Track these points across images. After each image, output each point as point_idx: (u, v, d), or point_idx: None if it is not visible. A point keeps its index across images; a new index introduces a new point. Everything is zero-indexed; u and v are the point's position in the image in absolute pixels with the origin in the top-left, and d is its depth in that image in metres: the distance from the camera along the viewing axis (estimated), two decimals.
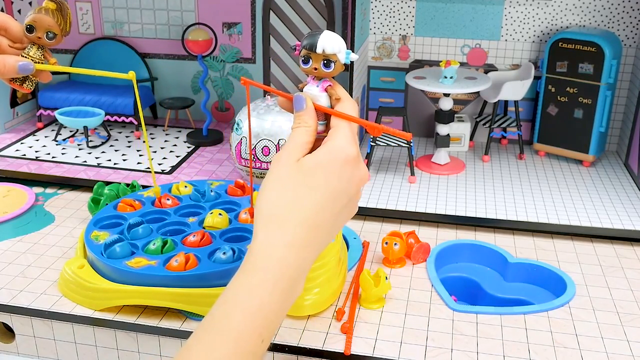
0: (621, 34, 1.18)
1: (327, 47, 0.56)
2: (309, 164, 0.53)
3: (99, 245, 0.76)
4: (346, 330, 0.71)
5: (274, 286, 0.48)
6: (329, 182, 0.52)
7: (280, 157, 0.54)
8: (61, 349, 0.75)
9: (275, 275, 0.49)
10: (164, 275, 0.71)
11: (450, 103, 1.12)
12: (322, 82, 0.58)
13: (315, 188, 0.52)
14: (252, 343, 0.46)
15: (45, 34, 0.71)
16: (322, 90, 0.58)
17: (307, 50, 0.56)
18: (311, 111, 0.56)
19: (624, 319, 0.75)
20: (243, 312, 0.47)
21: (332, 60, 0.56)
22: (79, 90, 1.32)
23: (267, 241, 0.50)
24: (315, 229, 0.51)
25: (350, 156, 0.53)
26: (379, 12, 1.25)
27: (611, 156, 1.23)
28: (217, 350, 0.45)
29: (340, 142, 0.54)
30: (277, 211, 0.51)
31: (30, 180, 1.08)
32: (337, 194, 0.52)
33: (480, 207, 1.00)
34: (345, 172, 0.53)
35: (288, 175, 0.52)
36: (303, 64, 0.57)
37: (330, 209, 0.52)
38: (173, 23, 1.33)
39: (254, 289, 0.48)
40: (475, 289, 0.85)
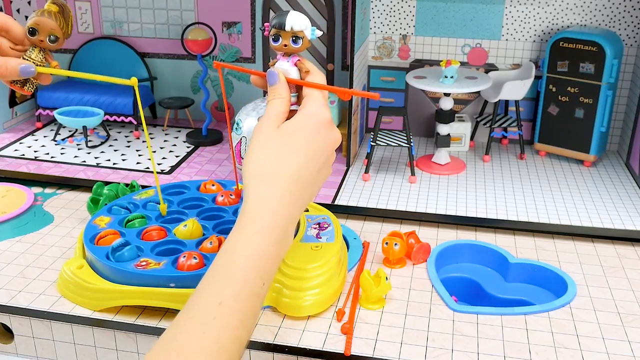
0: (622, 34, 1.18)
1: (295, 24, 0.62)
2: (289, 128, 0.59)
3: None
4: (346, 330, 0.70)
5: (270, 233, 0.53)
6: (308, 143, 0.58)
7: (262, 125, 0.59)
8: (60, 349, 0.75)
9: (270, 224, 0.54)
10: (163, 276, 0.71)
11: (451, 103, 1.12)
12: (291, 57, 0.64)
13: (297, 148, 0.58)
14: (256, 285, 0.51)
15: (48, 37, 0.71)
16: (292, 65, 0.64)
17: (276, 29, 0.63)
18: (284, 84, 0.62)
19: (625, 319, 0.74)
20: (245, 256, 0.51)
21: (299, 36, 0.62)
22: (78, 90, 1.31)
23: (259, 197, 0.55)
24: (300, 184, 0.57)
25: (325, 119, 0.60)
26: (379, 11, 1.25)
27: (612, 156, 1.22)
28: (225, 290, 0.49)
29: (315, 107, 0.60)
30: (265, 170, 0.56)
31: (29, 180, 1.08)
32: (316, 153, 0.58)
33: (481, 207, 1.00)
34: (321, 134, 0.59)
35: (271, 139, 0.58)
36: (273, 42, 0.63)
37: (311, 166, 0.58)
38: (172, 22, 1.33)
39: (252, 237, 0.53)
40: (476, 290, 0.85)
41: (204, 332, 0.47)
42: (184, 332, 0.48)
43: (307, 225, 0.82)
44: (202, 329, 0.48)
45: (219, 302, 0.49)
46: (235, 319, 0.49)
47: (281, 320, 0.72)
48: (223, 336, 0.48)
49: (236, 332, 0.49)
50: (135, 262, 0.73)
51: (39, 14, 0.71)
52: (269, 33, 0.64)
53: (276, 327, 0.71)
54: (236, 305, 0.49)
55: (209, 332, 0.47)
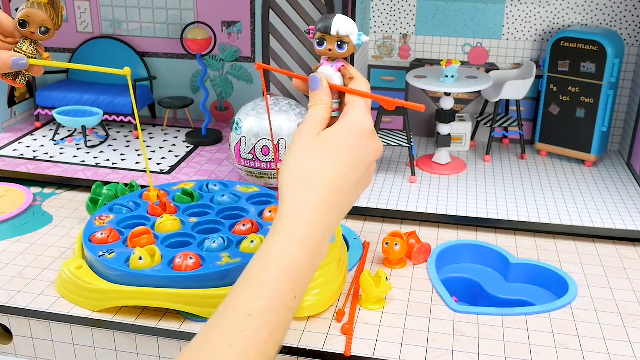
0: (623, 33, 1.18)
1: (341, 29, 0.60)
2: (330, 136, 0.57)
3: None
4: (346, 331, 0.70)
5: (305, 245, 0.52)
6: (349, 152, 0.56)
7: (302, 131, 0.58)
8: (59, 350, 0.75)
9: (305, 234, 0.52)
10: (162, 276, 0.71)
11: (452, 102, 1.12)
12: (335, 62, 0.62)
13: (336, 157, 0.56)
14: (287, 297, 0.50)
15: (39, 28, 0.71)
16: (336, 70, 0.62)
17: (321, 33, 0.61)
18: (326, 90, 0.60)
19: (627, 320, 0.74)
20: (278, 265, 0.50)
21: (345, 41, 0.60)
22: (77, 89, 1.31)
23: (295, 204, 0.54)
24: (337, 194, 0.55)
25: (367, 129, 0.58)
26: (380, 10, 1.25)
27: (613, 156, 1.22)
28: (256, 301, 0.49)
29: (357, 116, 0.58)
30: (302, 177, 0.55)
31: (28, 180, 1.08)
32: (356, 163, 0.57)
33: (482, 208, 1.00)
34: (362, 143, 0.57)
35: (311, 146, 0.56)
36: (318, 46, 0.61)
37: (350, 177, 0.56)
38: (172, 22, 1.33)
39: (286, 245, 0.51)
40: (477, 290, 0.84)
41: (232, 344, 0.47)
42: (213, 342, 0.47)
43: None
44: (230, 341, 0.47)
45: (249, 314, 0.48)
46: (264, 333, 0.48)
47: None
48: (251, 350, 0.47)
49: (264, 345, 0.48)
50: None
51: (29, 6, 0.70)
52: (314, 36, 0.62)
53: None
54: (266, 318, 0.48)
55: (237, 344, 0.47)
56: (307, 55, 1.31)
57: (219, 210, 0.84)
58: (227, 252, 0.73)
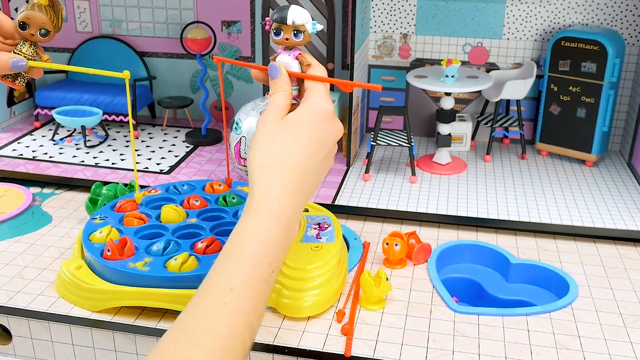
0: (624, 33, 1.17)
1: (297, 18, 0.63)
2: (294, 119, 0.60)
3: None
4: (346, 331, 0.70)
5: (278, 221, 0.55)
6: (312, 134, 0.59)
7: (266, 117, 0.60)
8: (59, 350, 0.75)
9: (277, 212, 0.55)
10: (162, 277, 0.70)
11: (452, 102, 1.11)
12: (292, 51, 0.65)
13: (301, 139, 0.58)
14: (265, 271, 0.52)
15: (38, 30, 0.71)
16: (293, 59, 0.65)
17: (277, 23, 0.63)
18: (286, 77, 0.63)
19: (627, 320, 0.74)
20: (255, 243, 0.53)
21: (301, 30, 0.63)
22: (77, 89, 1.31)
23: (266, 186, 0.56)
24: (304, 174, 0.58)
25: (328, 111, 0.61)
26: (380, 10, 1.24)
27: (614, 156, 1.22)
28: (236, 276, 0.51)
29: (318, 99, 0.61)
30: (270, 160, 0.57)
31: (28, 180, 1.07)
32: (319, 145, 0.59)
33: (482, 208, 1.00)
34: (324, 125, 0.60)
35: (276, 130, 0.59)
36: (275, 36, 0.64)
37: (315, 157, 0.59)
38: (171, 21, 1.32)
39: (261, 223, 0.54)
40: (477, 290, 0.84)
41: (217, 317, 0.49)
42: (197, 317, 0.49)
43: (307, 226, 0.81)
44: (215, 314, 0.49)
45: (230, 287, 0.50)
46: (246, 304, 0.50)
47: (281, 321, 0.72)
48: (235, 321, 0.49)
49: (247, 317, 0.50)
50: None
51: (29, 8, 0.70)
52: (270, 27, 0.64)
53: (276, 328, 0.71)
54: (247, 291, 0.50)
55: (221, 316, 0.49)
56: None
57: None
58: None
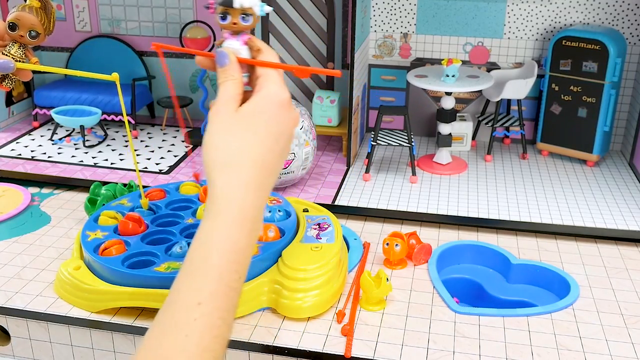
0: (625, 32, 1.17)
1: (244, 1, 0.59)
2: (249, 111, 0.55)
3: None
4: (347, 332, 0.70)
5: (241, 225, 0.52)
6: (270, 126, 0.55)
7: (219, 109, 0.56)
8: (57, 351, 0.75)
9: (240, 215, 0.52)
10: (161, 277, 0.70)
11: (452, 102, 1.11)
12: (240, 35, 0.61)
13: (259, 132, 0.55)
14: (232, 279, 0.50)
15: (28, 32, 0.70)
16: (242, 44, 0.60)
17: (224, 7, 0.59)
18: (235, 64, 0.59)
19: (629, 321, 0.74)
20: (219, 251, 0.50)
21: (249, 13, 0.60)
22: (75, 89, 1.31)
23: (226, 186, 0.53)
24: (264, 169, 0.54)
25: (285, 100, 0.57)
26: (380, 9, 1.24)
27: (615, 156, 1.22)
28: (205, 288, 0.49)
29: (273, 87, 0.57)
30: (228, 157, 0.54)
31: (26, 180, 1.07)
32: (278, 136, 0.56)
33: (483, 208, 0.99)
34: (282, 115, 0.56)
35: (231, 123, 0.55)
36: (221, 21, 0.60)
37: (274, 149, 0.56)
38: (171, 21, 1.32)
39: (224, 230, 0.51)
40: (478, 291, 0.84)
41: (187, 334, 0.47)
42: (167, 335, 0.47)
43: (307, 226, 0.81)
44: (185, 332, 0.47)
45: (198, 302, 0.48)
46: (216, 317, 0.49)
47: (281, 321, 0.72)
48: (206, 336, 0.48)
49: (217, 330, 0.49)
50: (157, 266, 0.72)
51: (20, 9, 0.70)
52: (215, 11, 0.60)
53: (276, 328, 0.71)
54: (215, 303, 0.49)
55: (192, 334, 0.47)
56: (307, 54, 1.31)
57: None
58: None
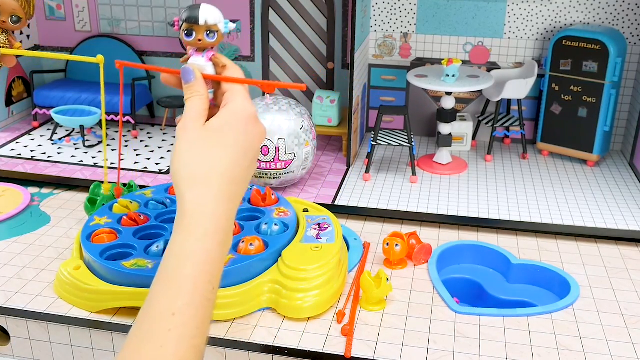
0: (626, 32, 1.17)
1: (209, 18, 0.60)
2: (216, 125, 0.56)
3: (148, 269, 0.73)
4: (347, 332, 0.70)
5: (213, 237, 0.52)
6: (237, 139, 0.56)
7: (186, 125, 0.57)
8: (57, 351, 0.74)
9: (212, 227, 0.53)
10: None
11: (453, 102, 1.11)
12: (206, 52, 0.61)
13: (227, 145, 0.56)
14: (206, 290, 0.51)
15: (10, 17, 0.70)
16: (207, 60, 0.61)
17: (189, 24, 0.60)
18: (201, 81, 0.59)
19: (629, 321, 0.74)
20: (193, 263, 0.51)
21: (214, 30, 0.60)
22: (75, 88, 1.31)
23: (196, 199, 0.53)
24: (233, 182, 0.55)
25: (251, 114, 0.58)
26: (380, 9, 1.24)
27: (616, 156, 1.21)
28: (179, 300, 0.49)
29: (240, 102, 0.58)
30: (197, 171, 0.54)
31: (26, 180, 1.07)
32: (246, 149, 0.57)
33: (483, 208, 0.99)
34: (249, 129, 0.57)
35: (198, 138, 0.56)
36: (186, 37, 0.60)
37: (242, 163, 0.56)
38: (171, 20, 1.32)
39: (197, 242, 0.52)
40: (478, 291, 0.84)
41: (162, 345, 0.47)
42: (144, 345, 0.48)
43: (307, 226, 0.81)
44: (160, 342, 0.47)
45: (172, 312, 0.49)
46: (191, 328, 0.49)
47: (281, 321, 0.72)
48: (181, 347, 0.48)
49: (193, 341, 0.49)
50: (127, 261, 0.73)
51: None
52: (180, 28, 0.61)
53: (276, 328, 0.71)
54: (189, 314, 0.49)
55: (166, 344, 0.47)
56: (307, 54, 1.30)
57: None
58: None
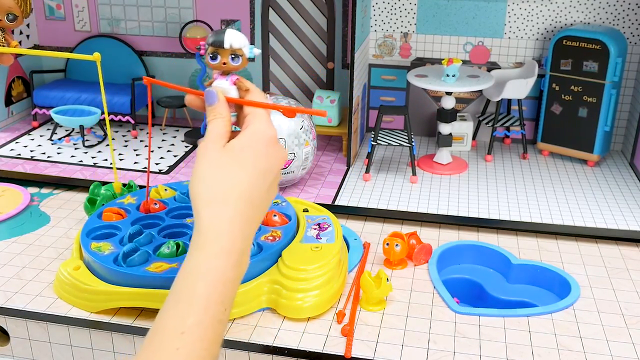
0: (626, 32, 1.17)
1: (234, 42, 0.61)
2: (237, 146, 0.57)
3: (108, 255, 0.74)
4: (347, 332, 0.70)
5: (228, 257, 0.52)
6: (257, 161, 0.57)
7: (207, 145, 0.58)
8: (57, 351, 0.74)
9: (227, 247, 0.52)
10: (160, 277, 0.70)
11: (453, 102, 1.11)
12: (230, 76, 0.63)
13: (246, 167, 0.56)
14: (218, 310, 0.50)
15: (6, 15, 0.70)
16: (231, 84, 0.62)
17: (214, 47, 0.61)
18: (224, 103, 0.60)
19: (629, 321, 0.73)
20: (206, 282, 0.51)
21: (238, 54, 0.62)
22: (75, 88, 1.30)
23: (213, 218, 0.53)
24: (251, 204, 0.55)
25: (272, 137, 0.59)
26: (380, 9, 1.24)
27: (616, 156, 1.21)
28: (189, 318, 0.49)
29: (261, 125, 0.59)
30: (215, 191, 0.55)
31: (26, 180, 1.07)
32: (265, 172, 0.57)
33: (483, 208, 0.99)
34: (269, 152, 0.58)
35: (219, 158, 0.56)
36: (211, 60, 0.62)
37: (261, 185, 0.57)
38: (170, 20, 1.32)
39: (211, 260, 0.52)
40: (478, 291, 0.84)
41: None
42: None
43: (307, 226, 0.81)
44: None
45: (182, 331, 0.48)
46: (199, 348, 0.48)
47: (281, 322, 0.72)
48: None
49: None
50: (148, 266, 0.72)
51: None
52: (206, 51, 0.62)
53: (275, 329, 0.70)
54: (199, 334, 0.49)
55: None
56: (307, 54, 1.30)
57: None
58: None
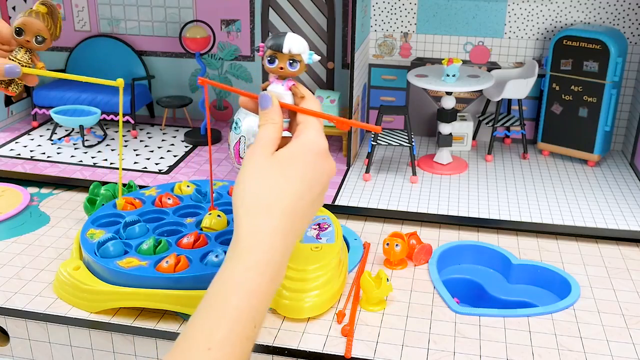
0: (626, 31, 1.17)
1: (294, 47, 0.59)
2: (285, 156, 0.55)
3: (92, 243, 0.75)
4: (347, 333, 0.69)
5: (265, 270, 0.50)
6: (305, 172, 0.55)
7: (255, 151, 0.56)
8: (56, 352, 0.74)
9: (265, 259, 0.51)
10: (159, 277, 0.70)
11: (453, 101, 1.11)
12: (286, 81, 0.61)
13: (293, 178, 0.54)
14: (248, 327, 0.48)
15: (35, 37, 0.70)
16: (286, 89, 0.61)
17: (273, 51, 0.60)
18: (277, 108, 0.59)
19: (630, 321, 0.73)
20: (239, 294, 0.49)
21: (297, 60, 0.60)
22: (75, 88, 1.30)
23: (254, 228, 0.52)
24: (295, 216, 0.54)
25: (322, 149, 0.57)
26: (380, 9, 1.24)
27: (616, 156, 1.21)
28: (218, 331, 0.47)
29: (312, 135, 0.57)
30: (259, 200, 0.53)
31: (25, 180, 1.07)
32: (312, 184, 0.55)
33: (483, 208, 0.99)
34: (318, 164, 0.56)
35: (266, 166, 0.55)
36: (269, 64, 0.60)
37: (306, 198, 0.55)
38: (170, 20, 1.32)
39: (247, 272, 0.50)
40: (478, 291, 0.84)
41: None
42: None
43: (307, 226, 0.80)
44: None
45: (209, 347, 0.47)
46: None
47: (281, 322, 0.72)
48: None
49: None
50: (121, 260, 0.72)
51: (27, 14, 0.70)
52: (264, 54, 0.61)
53: (276, 329, 0.70)
54: (226, 350, 0.47)
55: None
56: None
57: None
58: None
